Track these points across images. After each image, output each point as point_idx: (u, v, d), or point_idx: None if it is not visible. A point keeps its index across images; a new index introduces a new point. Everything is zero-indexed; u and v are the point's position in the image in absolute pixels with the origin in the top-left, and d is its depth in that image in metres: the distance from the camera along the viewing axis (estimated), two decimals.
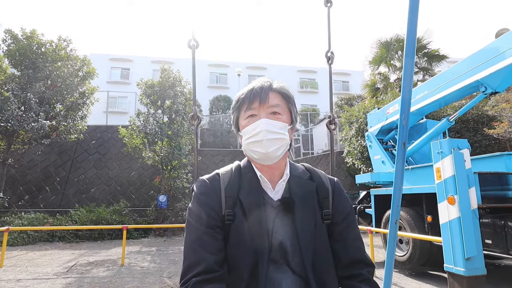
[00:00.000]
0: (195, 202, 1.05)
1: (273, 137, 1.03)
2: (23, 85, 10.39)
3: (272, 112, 1.06)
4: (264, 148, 1.02)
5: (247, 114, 1.08)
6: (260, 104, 1.06)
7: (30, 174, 13.33)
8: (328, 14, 2.07)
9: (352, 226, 1.12)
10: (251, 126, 1.05)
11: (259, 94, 1.07)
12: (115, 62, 30.59)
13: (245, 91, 1.11)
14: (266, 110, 1.06)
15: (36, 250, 8.29)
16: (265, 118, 1.04)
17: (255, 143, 1.04)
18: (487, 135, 9.60)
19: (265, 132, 1.02)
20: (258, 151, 1.04)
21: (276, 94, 1.09)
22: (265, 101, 1.06)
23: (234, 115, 1.14)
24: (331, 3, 2.07)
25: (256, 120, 1.05)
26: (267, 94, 1.07)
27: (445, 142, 4.24)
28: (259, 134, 1.02)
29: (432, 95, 5.81)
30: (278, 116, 1.07)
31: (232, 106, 1.15)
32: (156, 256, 7.49)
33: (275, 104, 1.07)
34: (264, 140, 1.02)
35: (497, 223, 4.12)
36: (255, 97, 1.07)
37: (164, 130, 11.17)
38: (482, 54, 4.83)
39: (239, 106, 1.11)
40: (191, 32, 1.90)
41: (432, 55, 12.95)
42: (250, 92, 1.09)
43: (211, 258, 0.95)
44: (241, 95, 1.12)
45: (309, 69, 34.21)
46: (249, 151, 1.08)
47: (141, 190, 13.60)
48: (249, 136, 1.05)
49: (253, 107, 1.07)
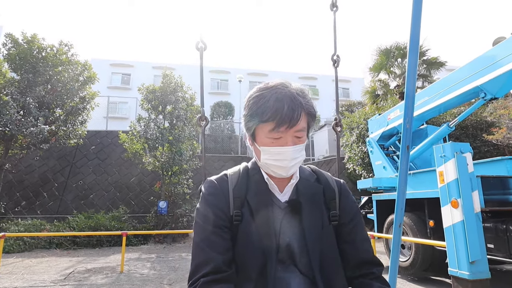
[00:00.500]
0: (203, 203, 1.04)
1: (295, 163, 1.02)
2: (23, 89, 10.38)
3: (297, 136, 1.01)
4: (286, 172, 1.02)
5: (273, 136, 0.99)
6: (288, 129, 0.98)
7: (28, 180, 13.23)
8: (334, 18, 2.09)
9: (360, 227, 1.12)
10: (276, 150, 1.00)
11: (292, 117, 0.96)
12: (116, 67, 30.72)
13: (271, 101, 0.97)
14: (292, 134, 0.99)
15: (33, 257, 8.17)
16: (292, 146, 0.99)
17: (277, 166, 1.02)
18: (486, 141, 9.65)
19: (290, 160, 1.01)
20: (279, 172, 1.03)
21: (305, 115, 1.01)
22: (294, 126, 0.98)
23: (252, 123, 1.02)
24: (337, 8, 2.09)
25: (282, 144, 0.99)
26: (299, 120, 0.98)
27: (448, 145, 4.26)
28: (284, 161, 1.00)
29: (433, 101, 5.87)
30: (301, 138, 1.03)
31: (251, 111, 1.01)
32: (156, 263, 7.41)
33: (302, 128, 1.01)
34: (288, 167, 1.01)
35: (499, 228, 4.12)
36: (286, 119, 0.96)
37: (165, 135, 11.16)
38: (481, 61, 4.91)
39: (263, 120, 0.98)
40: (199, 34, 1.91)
41: (431, 62, 13.06)
42: (280, 110, 0.95)
43: (219, 258, 0.94)
44: (265, 105, 0.97)
45: (309, 76, 34.47)
46: (266, 168, 1.05)
47: (140, 196, 13.53)
48: (271, 157, 1.01)
49: (281, 130, 0.97)
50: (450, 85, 5.46)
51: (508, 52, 4.43)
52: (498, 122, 9.67)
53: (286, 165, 1.01)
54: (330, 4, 2.10)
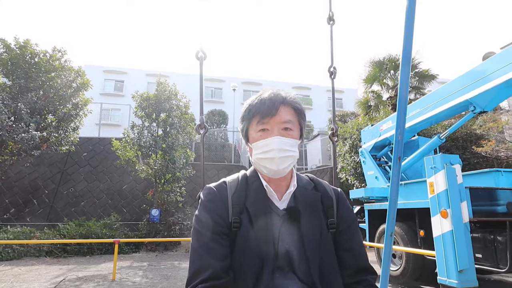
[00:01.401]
0: (202, 209, 1.05)
1: (284, 155, 1.04)
2: (14, 95, 10.27)
3: (284, 128, 1.06)
4: (276, 165, 1.03)
5: (259, 128, 1.07)
6: (273, 118, 1.05)
7: (17, 187, 13.01)
8: (331, 31, 2.16)
9: (357, 234, 1.15)
10: (263, 142, 1.05)
11: (272, 107, 1.05)
12: (109, 74, 30.58)
13: (256, 101, 1.09)
14: (278, 125, 1.06)
15: (22, 265, 8.02)
16: (278, 136, 1.04)
17: (266, 160, 1.04)
18: (476, 153, 9.84)
19: (278, 150, 1.03)
20: (270, 167, 1.05)
21: (289, 108, 1.09)
22: (278, 115, 1.05)
23: (244, 125, 1.13)
24: (333, 21, 2.16)
25: (269, 135, 1.05)
26: (279, 109, 1.06)
27: (438, 157, 4.36)
28: (271, 152, 1.03)
29: (424, 113, 5.98)
30: (290, 132, 1.07)
31: (242, 115, 1.13)
32: (148, 271, 7.34)
33: (288, 119, 1.07)
34: (276, 158, 1.03)
35: (487, 238, 4.22)
36: (269, 110, 1.05)
37: (158, 143, 11.13)
38: (471, 75, 5.03)
39: (251, 118, 1.09)
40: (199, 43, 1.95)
41: (423, 74, 13.32)
42: (263, 104, 1.07)
43: (217, 265, 0.95)
44: (252, 104, 1.09)
45: (303, 86, 34.77)
46: (259, 165, 1.09)
47: (133, 203, 13.39)
48: (261, 151, 1.06)
49: (265, 121, 1.06)
50: (441, 98, 5.57)
51: (497, 67, 4.55)
52: (487, 135, 9.89)
53: (274, 156, 1.03)
54: (327, 18, 2.16)
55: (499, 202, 4.64)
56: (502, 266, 4.02)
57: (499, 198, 4.65)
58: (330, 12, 2.17)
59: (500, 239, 4.08)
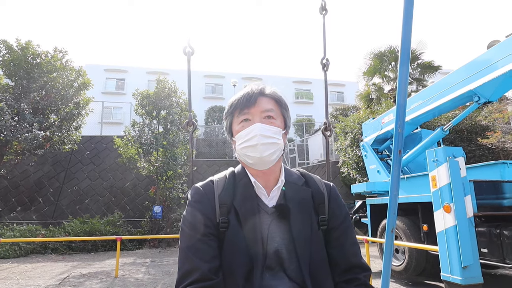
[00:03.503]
0: (189, 210, 1.04)
1: (267, 142, 1.02)
2: (17, 95, 10.35)
3: (266, 116, 1.06)
4: (259, 152, 1.01)
5: (241, 119, 1.07)
6: (253, 108, 1.06)
7: (23, 185, 13.16)
8: (324, 22, 2.11)
9: (349, 231, 1.11)
10: (245, 131, 1.05)
11: (252, 98, 1.06)
12: (110, 72, 30.66)
13: (237, 96, 1.10)
14: (260, 114, 1.06)
15: (28, 263, 8.13)
16: (259, 123, 1.04)
17: (250, 147, 1.03)
18: (481, 145, 9.69)
19: (260, 136, 1.02)
20: (253, 155, 1.03)
21: (269, 99, 1.09)
22: (258, 105, 1.06)
23: (227, 120, 1.13)
24: (326, 11, 2.11)
25: (250, 125, 1.05)
26: (260, 98, 1.07)
27: (440, 150, 4.26)
28: (254, 139, 1.02)
29: (427, 104, 5.86)
30: (272, 121, 1.06)
31: (225, 111, 1.14)
32: (150, 268, 7.38)
33: (269, 108, 1.07)
34: (259, 145, 1.01)
35: (492, 232, 4.11)
36: (248, 101, 1.06)
37: (159, 140, 11.16)
38: (474, 64, 4.88)
39: (232, 111, 1.10)
40: (187, 39, 1.91)
41: (425, 66, 13.14)
42: (243, 96, 1.08)
43: (206, 266, 0.93)
44: (234, 100, 1.11)
45: (304, 80, 34.56)
46: (243, 156, 1.07)
47: (135, 201, 13.48)
48: (243, 140, 1.04)
49: (246, 112, 1.06)
50: (444, 89, 5.43)
51: (501, 55, 4.39)
52: (493, 126, 9.72)
53: (256, 142, 1.01)
54: (320, 8, 2.11)
55: (505, 195, 4.54)
56: (508, 261, 3.90)
57: (505, 191, 4.55)
58: (323, 2, 2.12)
59: (506, 233, 3.97)
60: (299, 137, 22.47)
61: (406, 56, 0.69)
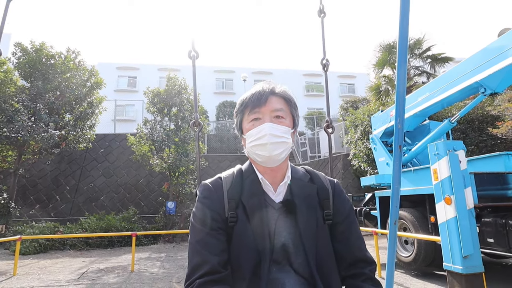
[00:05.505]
0: (199, 206, 1.07)
1: (277, 141, 1.05)
2: (33, 96, 10.67)
3: (275, 116, 1.08)
4: (268, 151, 1.05)
5: (251, 118, 1.10)
6: (264, 107, 1.08)
7: (41, 184, 13.57)
8: (322, 24, 2.17)
9: (353, 225, 1.14)
10: (255, 130, 1.07)
11: (263, 97, 1.09)
12: (122, 70, 30.98)
13: (248, 95, 1.13)
14: (270, 114, 1.08)
15: (48, 258, 8.43)
16: (269, 122, 1.07)
17: (259, 146, 1.06)
18: (493, 135, 9.54)
19: (269, 136, 1.04)
20: (262, 154, 1.06)
21: (279, 98, 1.12)
22: (269, 105, 1.09)
23: (238, 118, 1.16)
24: (324, 14, 2.17)
25: (260, 124, 1.07)
26: (270, 98, 1.09)
27: (440, 144, 4.29)
28: (264, 138, 1.05)
29: (434, 96, 5.81)
30: (282, 120, 1.09)
31: (236, 109, 1.16)
32: (165, 262, 7.59)
33: (279, 108, 1.09)
34: (269, 144, 1.04)
35: (498, 222, 4.15)
36: (259, 100, 1.09)
37: (171, 137, 11.34)
38: (482, 54, 4.81)
39: (243, 109, 1.13)
40: (191, 42, 2.00)
41: (435, 57, 12.95)
42: (254, 95, 1.11)
43: (215, 259, 0.96)
44: (244, 98, 1.13)
45: (314, 73, 34.20)
46: (252, 154, 1.10)
47: (149, 197, 13.75)
48: (254, 139, 1.07)
49: (256, 111, 1.09)
50: (451, 80, 5.36)
51: (507, 46, 4.34)
52: (503, 116, 9.56)
53: (266, 142, 1.04)
54: (318, 11, 2.17)
55: (509, 186, 4.54)
56: None
57: (509, 182, 4.56)
58: (321, 5, 2.18)
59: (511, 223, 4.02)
60: (310, 131, 22.37)
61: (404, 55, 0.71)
